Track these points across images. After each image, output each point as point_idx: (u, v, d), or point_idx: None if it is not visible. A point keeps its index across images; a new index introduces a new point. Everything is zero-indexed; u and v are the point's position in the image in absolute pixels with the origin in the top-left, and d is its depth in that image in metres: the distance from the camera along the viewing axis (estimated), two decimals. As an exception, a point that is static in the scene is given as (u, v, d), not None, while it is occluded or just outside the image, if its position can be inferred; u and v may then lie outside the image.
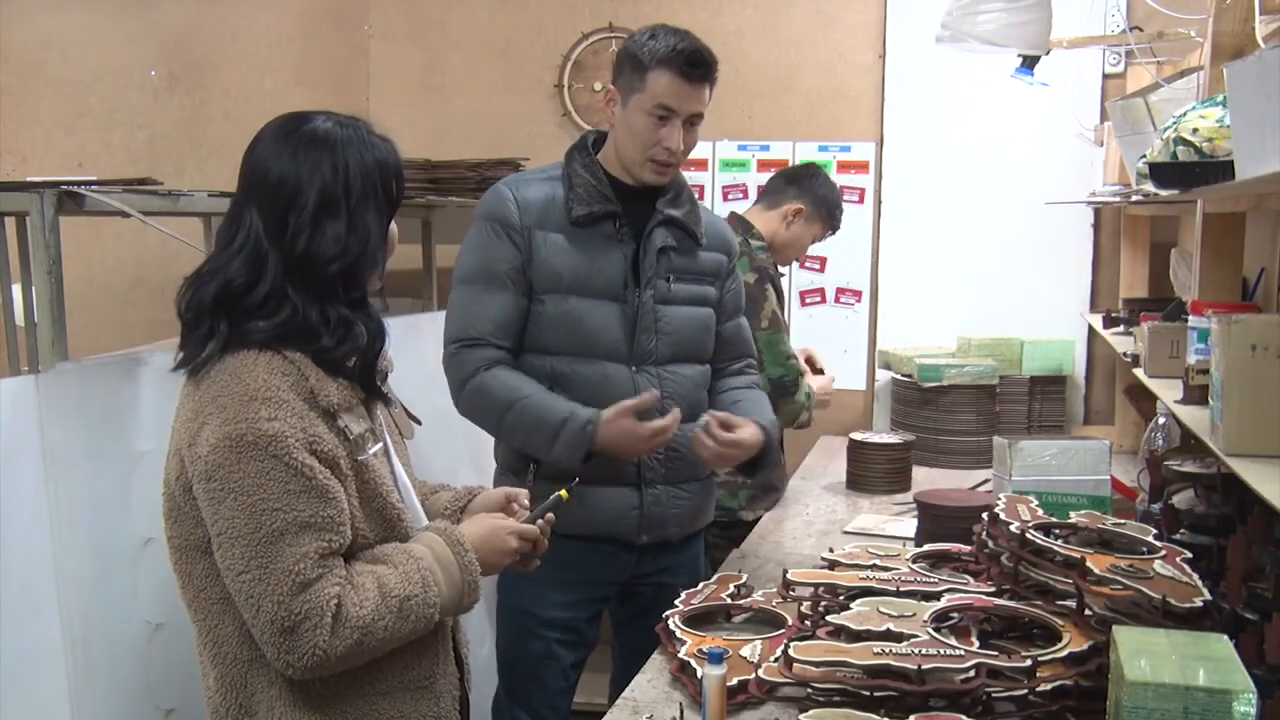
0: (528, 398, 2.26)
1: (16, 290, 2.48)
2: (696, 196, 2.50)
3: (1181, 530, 2.14)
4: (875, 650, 1.65)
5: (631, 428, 2.21)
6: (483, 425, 2.36)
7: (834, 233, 3.35)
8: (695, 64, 2.25)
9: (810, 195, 3.22)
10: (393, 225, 1.72)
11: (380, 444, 1.69)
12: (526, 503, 1.90)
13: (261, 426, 1.50)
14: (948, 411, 3.74)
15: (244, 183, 1.63)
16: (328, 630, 1.51)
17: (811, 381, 3.14)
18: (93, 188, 2.08)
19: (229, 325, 1.58)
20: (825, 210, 3.24)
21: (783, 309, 3.14)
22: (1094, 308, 3.95)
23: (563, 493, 1.95)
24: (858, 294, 4.21)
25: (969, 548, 2.14)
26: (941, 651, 1.65)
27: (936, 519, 2.50)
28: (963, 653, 1.65)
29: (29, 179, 2.35)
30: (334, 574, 1.53)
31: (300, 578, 1.50)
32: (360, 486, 1.62)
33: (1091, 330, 3.86)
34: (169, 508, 1.64)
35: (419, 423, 1.90)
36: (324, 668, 1.54)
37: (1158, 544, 1.88)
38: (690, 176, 2.50)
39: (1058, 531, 1.96)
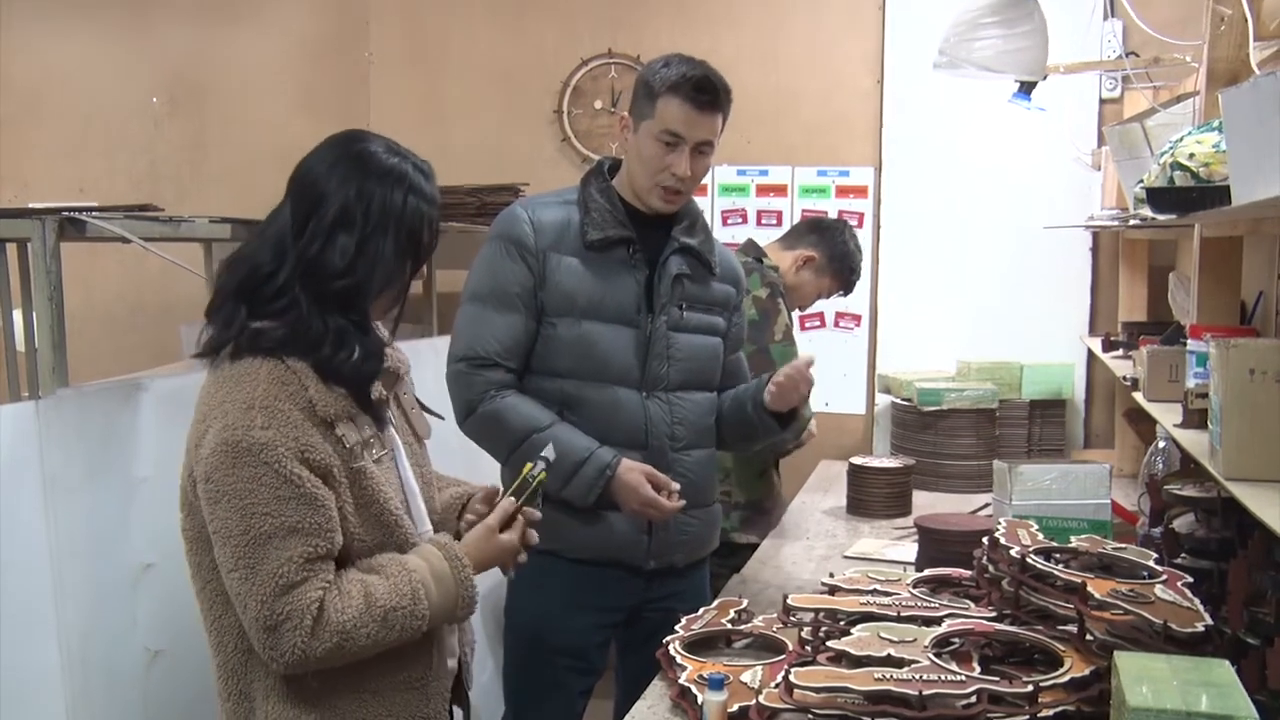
0: (545, 430, 2.26)
1: (17, 316, 2.49)
2: (710, 227, 2.52)
3: (1182, 555, 2.14)
4: (876, 676, 1.64)
5: (638, 487, 2.24)
6: (490, 450, 2.36)
7: (845, 293, 3.37)
8: (703, 90, 2.26)
9: (827, 247, 3.25)
10: None
11: (386, 450, 1.74)
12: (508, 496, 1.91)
13: (255, 434, 1.57)
14: (948, 435, 3.74)
15: (291, 177, 1.73)
16: (307, 632, 1.57)
17: None
18: (94, 214, 2.09)
19: (245, 316, 1.65)
20: (838, 266, 3.26)
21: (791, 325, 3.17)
22: (1093, 331, 3.95)
23: (528, 467, 1.90)
24: (857, 318, 4.22)
25: (970, 572, 2.14)
26: (943, 677, 1.64)
27: (937, 543, 2.50)
28: (964, 678, 1.65)
29: (31, 205, 2.36)
30: (319, 578, 1.59)
31: (284, 580, 1.56)
32: (357, 493, 1.67)
33: (1090, 354, 3.86)
34: (183, 500, 1.71)
35: (441, 417, 1.98)
36: (305, 666, 1.60)
37: (1158, 568, 1.88)
38: (691, 201, 2.51)
39: (1058, 556, 1.96)
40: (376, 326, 1.79)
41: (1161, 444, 2.66)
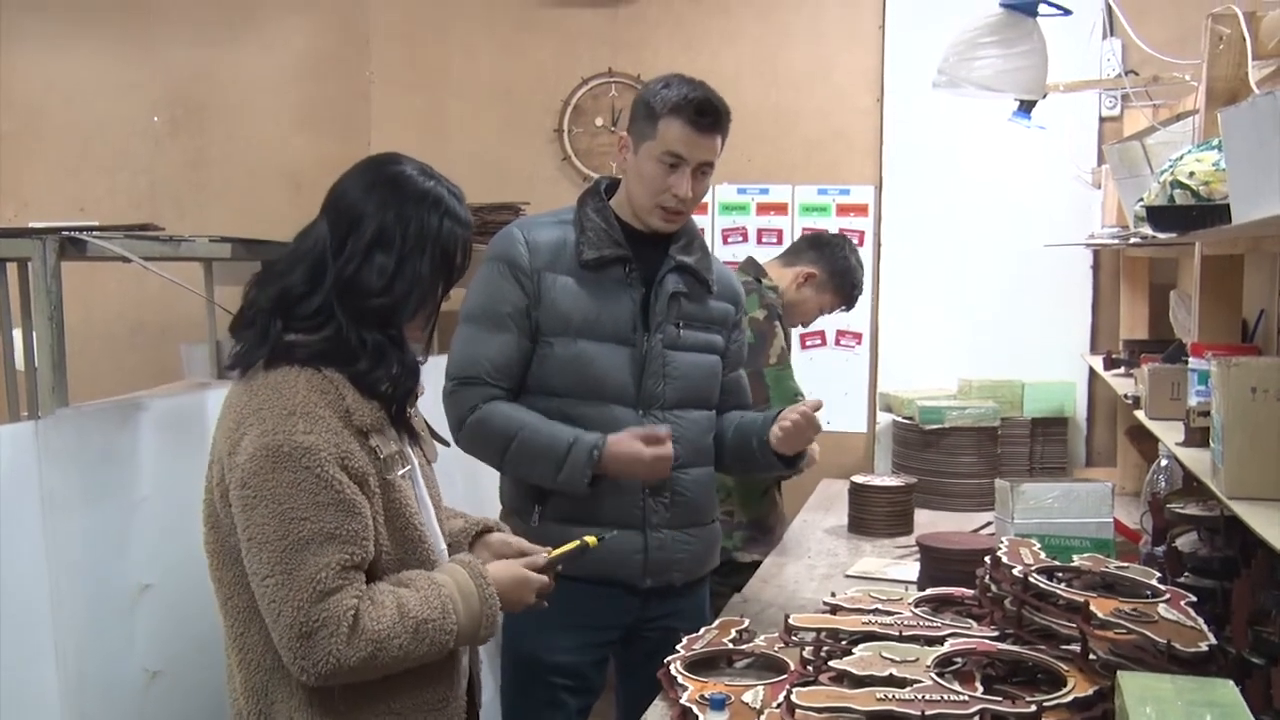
0: (528, 426, 2.28)
1: (17, 335, 2.49)
2: (708, 245, 2.53)
3: (1185, 573, 2.13)
4: (878, 696, 1.64)
5: (636, 450, 2.24)
6: (485, 459, 2.37)
7: (847, 308, 3.37)
8: (705, 112, 2.28)
9: (827, 264, 3.26)
10: None
11: (409, 467, 1.77)
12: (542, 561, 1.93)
13: (297, 439, 1.59)
14: (949, 454, 3.74)
15: (327, 197, 1.76)
16: (343, 639, 1.57)
17: None
18: (94, 234, 2.09)
19: (280, 329, 1.68)
20: (838, 282, 3.27)
21: (789, 349, 3.16)
22: (1094, 349, 3.95)
23: (590, 539, 1.99)
24: (858, 336, 4.22)
25: (972, 591, 2.14)
26: (945, 697, 1.64)
27: (939, 562, 2.49)
28: (966, 698, 1.64)
29: (31, 224, 2.36)
30: (354, 586, 1.60)
31: (321, 586, 1.57)
32: (386, 505, 1.69)
33: (1092, 372, 3.86)
34: (207, 513, 1.72)
35: (447, 444, 2.00)
36: (337, 676, 1.59)
37: (1161, 587, 1.88)
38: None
39: (1061, 575, 1.96)
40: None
41: (1164, 462, 2.66)
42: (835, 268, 3.27)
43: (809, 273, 3.25)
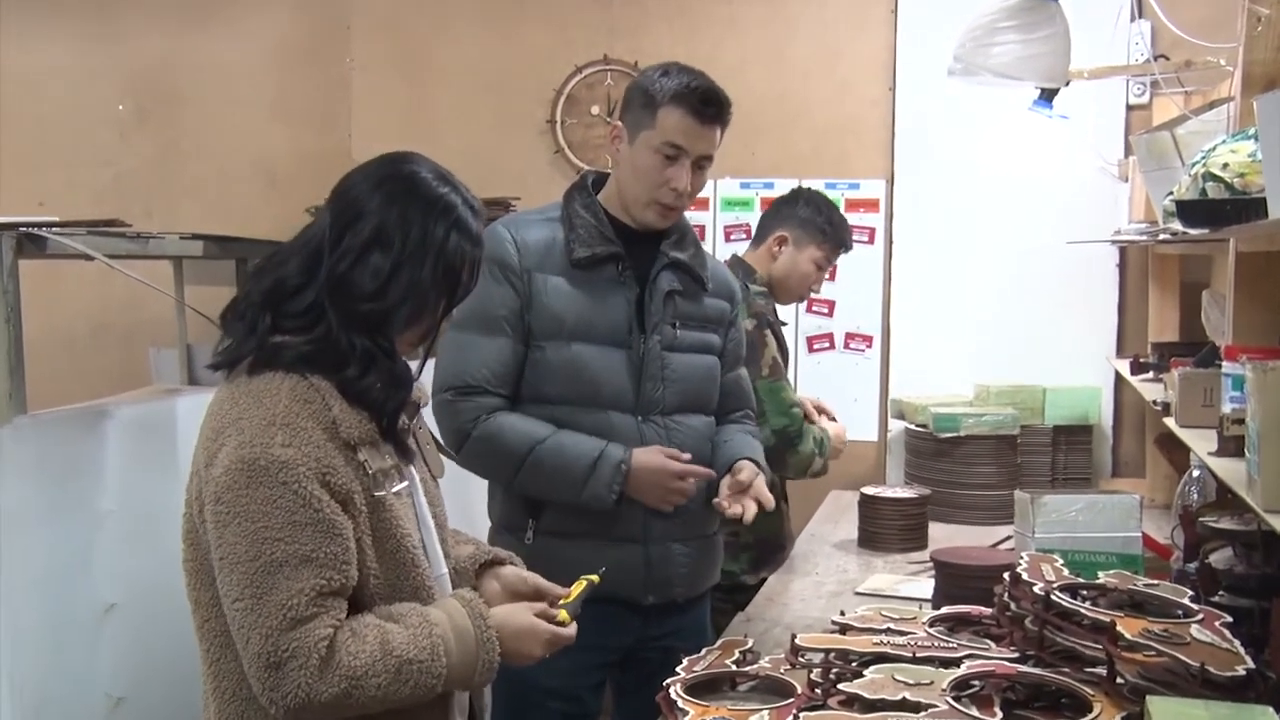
0: (546, 440, 2.27)
1: (-27, 338, 2.48)
2: (700, 239, 2.52)
3: (1220, 592, 2.12)
4: (892, 722, 1.63)
5: (663, 465, 2.26)
6: (491, 475, 2.37)
7: (844, 250, 3.31)
8: (708, 102, 2.29)
9: (791, 219, 3.22)
10: None
11: (406, 483, 1.73)
12: (559, 605, 1.90)
13: (275, 452, 1.56)
14: (966, 463, 3.73)
15: (335, 187, 1.74)
16: (314, 672, 1.53)
17: (825, 425, 3.14)
18: (55, 230, 2.09)
19: (269, 326, 1.65)
20: (814, 229, 3.21)
21: (784, 356, 3.14)
22: (1121, 352, 3.95)
23: (594, 577, 1.97)
24: (868, 339, 4.22)
25: (990, 610, 2.13)
26: (963, 724, 1.63)
27: (955, 579, 2.48)
28: (986, 725, 1.63)
29: (-13, 220, 2.35)
30: (330, 615, 1.56)
31: (293, 613, 1.53)
32: (374, 525, 1.65)
33: (1118, 376, 3.86)
34: (187, 529, 1.69)
35: (453, 456, 2.00)
36: (308, 710, 1.55)
37: (1194, 606, 1.87)
38: (691, 216, 2.52)
39: (1085, 593, 1.95)
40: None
41: (1196, 473, 2.65)
42: (800, 217, 3.21)
43: (779, 237, 3.21)
